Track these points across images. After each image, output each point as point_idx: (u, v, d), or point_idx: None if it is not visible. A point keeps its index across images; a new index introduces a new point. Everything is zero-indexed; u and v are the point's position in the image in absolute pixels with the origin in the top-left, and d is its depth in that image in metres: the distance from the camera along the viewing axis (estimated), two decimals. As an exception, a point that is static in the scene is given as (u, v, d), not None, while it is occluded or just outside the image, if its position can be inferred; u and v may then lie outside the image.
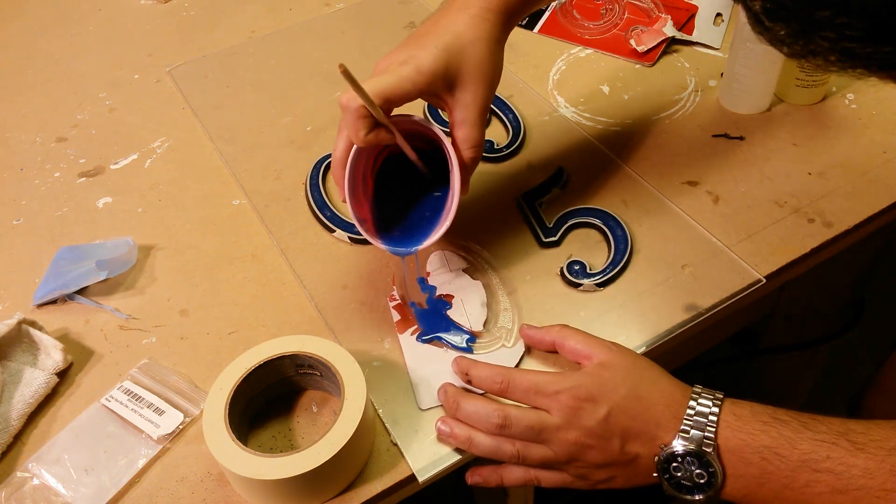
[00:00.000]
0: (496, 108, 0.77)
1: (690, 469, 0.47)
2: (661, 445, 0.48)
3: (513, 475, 0.51)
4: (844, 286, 0.86)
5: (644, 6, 0.89)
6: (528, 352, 0.56)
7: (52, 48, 0.93)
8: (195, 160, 0.75)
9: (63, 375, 0.57)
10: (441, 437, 0.51)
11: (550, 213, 0.66)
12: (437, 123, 0.75)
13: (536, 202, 0.67)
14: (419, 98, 0.52)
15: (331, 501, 0.49)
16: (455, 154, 0.53)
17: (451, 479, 0.53)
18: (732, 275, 0.60)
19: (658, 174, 0.69)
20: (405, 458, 0.51)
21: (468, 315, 0.59)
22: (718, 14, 0.87)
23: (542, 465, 0.50)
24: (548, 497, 0.65)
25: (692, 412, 0.48)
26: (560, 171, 0.69)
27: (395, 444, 0.52)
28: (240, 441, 0.47)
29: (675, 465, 0.47)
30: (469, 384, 0.53)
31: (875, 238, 0.77)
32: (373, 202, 0.59)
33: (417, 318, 0.58)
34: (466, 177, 0.55)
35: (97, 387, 0.56)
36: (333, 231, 0.66)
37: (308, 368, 0.53)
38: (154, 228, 0.68)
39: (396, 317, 0.59)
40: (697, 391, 0.49)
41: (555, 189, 0.68)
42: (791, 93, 0.75)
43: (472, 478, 0.53)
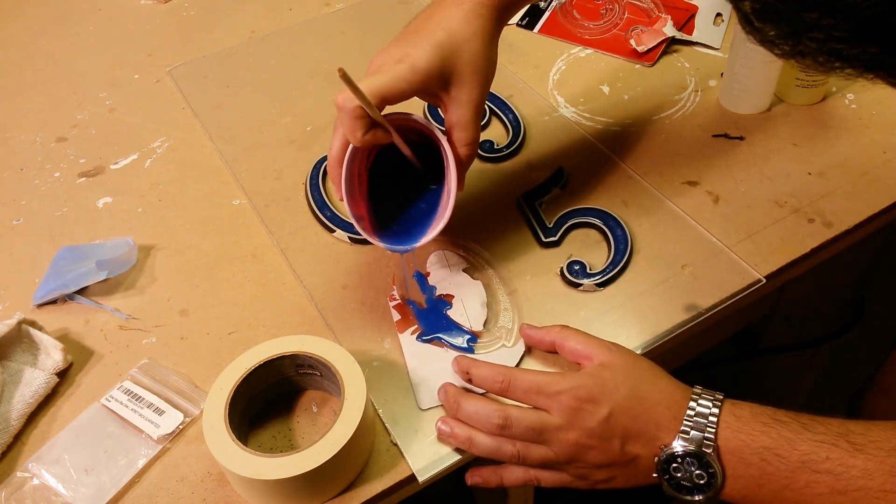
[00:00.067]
0: (496, 108, 0.77)
1: (690, 470, 0.47)
2: (661, 446, 0.48)
3: (513, 475, 0.51)
4: (844, 286, 0.86)
5: (644, 6, 0.89)
6: (529, 352, 0.56)
7: (52, 48, 0.93)
8: (195, 160, 0.75)
9: (63, 375, 0.57)
10: (441, 437, 0.51)
11: (550, 213, 0.66)
12: (437, 122, 0.75)
13: (536, 202, 0.67)
14: (415, 96, 0.52)
15: (331, 501, 0.49)
16: (451, 151, 0.53)
17: (451, 479, 0.53)
18: (732, 275, 0.60)
19: (658, 174, 0.69)
20: (405, 458, 0.51)
21: (468, 315, 0.59)
22: (718, 14, 0.87)
23: (542, 466, 0.50)
24: (548, 497, 0.65)
25: (692, 413, 0.48)
26: (560, 171, 0.69)
27: (395, 444, 0.52)
28: (240, 441, 0.47)
29: (675, 466, 0.47)
30: (469, 383, 0.53)
31: (875, 238, 0.77)
32: (368, 199, 0.59)
33: (417, 318, 0.58)
34: (462, 173, 0.55)
35: (97, 387, 0.56)
36: (333, 231, 0.66)
37: (308, 368, 0.53)
38: (154, 228, 0.68)
39: (396, 316, 0.59)
40: (697, 392, 0.49)
41: (555, 189, 0.68)
42: (791, 93, 0.75)
43: (472, 478, 0.53)
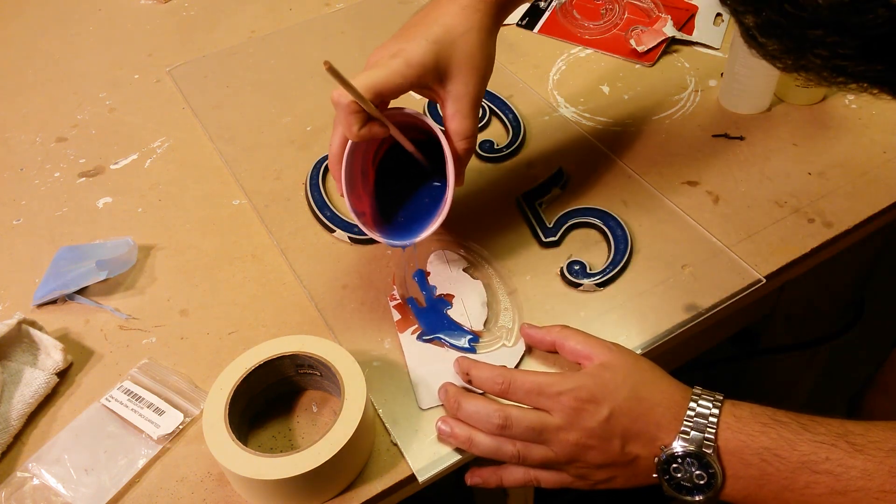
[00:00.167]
0: (496, 108, 0.77)
1: (690, 470, 0.47)
2: (662, 446, 0.48)
3: (512, 476, 0.51)
4: (844, 286, 0.86)
5: (644, 6, 0.89)
6: (529, 351, 0.56)
7: (52, 48, 0.93)
8: (195, 160, 0.75)
9: (63, 375, 0.57)
10: (441, 437, 0.51)
11: (550, 213, 0.66)
12: (439, 123, 0.75)
13: (536, 202, 0.67)
14: (411, 90, 0.52)
15: (331, 501, 0.49)
16: (449, 146, 0.53)
17: (451, 479, 0.53)
18: (732, 275, 0.60)
19: (658, 174, 0.69)
20: (405, 458, 0.51)
21: (468, 314, 0.59)
22: (718, 14, 0.87)
23: (543, 466, 0.50)
24: (548, 497, 0.65)
25: (692, 413, 0.48)
26: (560, 171, 0.69)
27: (395, 444, 0.52)
28: (240, 441, 0.47)
29: (675, 466, 0.47)
30: (470, 384, 0.53)
31: (875, 238, 0.77)
32: (373, 195, 0.58)
33: (417, 317, 0.58)
34: (461, 168, 0.55)
35: (97, 387, 0.56)
36: (333, 231, 0.66)
37: (308, 368, 0.53)
38: (154, 228, 0.68)
39: (397, 316, 0.59)
40: (697, 392, 0.49)
41: (555, 189, 0.68)
42: (791, 93, 0.75)
43: (472, 479, 0.53)
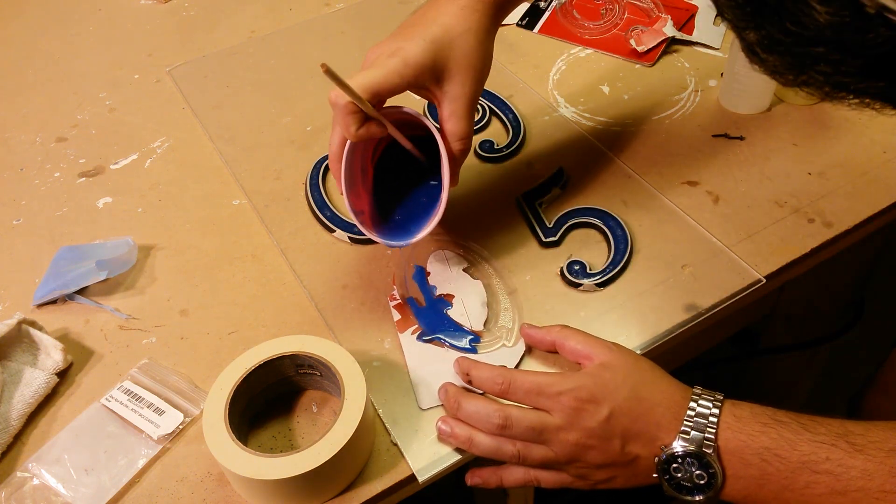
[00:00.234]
0: (496, 108, 0.77)
1: (690, 470, 0.47)
2: (662, 446, 0.48)
3: (512, 476, 0.51)
4: (844, 286, 0.86)
5: (644, 6, 0.89)
6: (529, 351, 0.56)
7: (52, 48, 0.93)
8: (195, 160, 0.75)
9: (63, 375, 0.57)
10: (441, 437, 0.51)
11: (550, 213, 0.66)
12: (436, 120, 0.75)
13: (536, 202, 0.67)
14: (408, 90, 0.52)
15: (331, 501, 0.49)
16: (444, 146, 0.53)
17: (451, 479, 0.53)
18: (732, 275, 0.60)
19: (658, 174, 0.69)
20: (405, 458, 0.51)
21: (468, 314, 0.59)
22: (718, 14, 0.87)
23: (543, 466, 0.50)
24: (548, 497, 0.65)
25: (692, 413, 0.48)
26: (560, 171, 0.69)
27: (395, 444, 0.52)
28: (240, 441, 0.47)
29: (676, 466, 0.47)
30: (470, 384, 0.53)
31: (875, 238, 0.77)
32: (373, 194, 0.58)
33: (417, 317, 0.58)
34: (456, 169, 0.55)
35: (97, 387, 0.56)
36: (333, 231, 0.66)
37: (308, 368, 0.53)
38: (154, 228, 0.68)
39: (397, 316, 0.59)
40: (697, 392, 0.49)
41: (555, 189, 0.68)
42: (791, 93, 0.75)
43: (472, 479, 0.53)
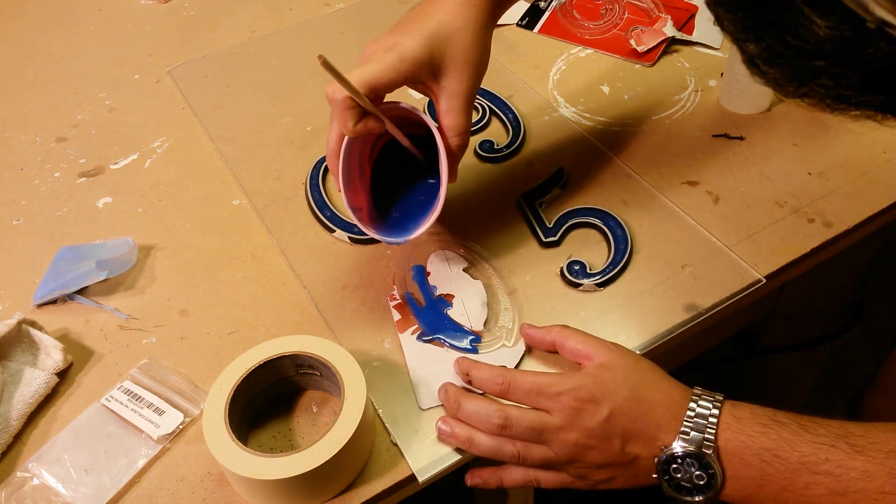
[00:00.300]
0: (496, 108, 0.77)
1: (690, 470, 0.47)
2: (661, 447, 0.48)
3: (512, 476, 0.51)
4: (844, 286, 0.86)
5: (644, 6, 0.89)
6: (529, 351, 0.56)
7: (52, 48, 0.93)
8: (195, 160, 0.75)
9: (63, 375, 0.57)
10: (441, 437, 0.51)
11: (550, 213, 0.66)
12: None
13: (536, 202, 0.67)
14: (405, 85, 0.52)
15: (331, 501, 0.49)
16: (442, 142, 0.53)
17: (451, 479, 0.53)
18: (732, 275, 0.60)
19: (658, 174, 0.69)
20: (405, 458, 0.51)
21: (468, 314, 0.59)
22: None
23: (543, 466, 0.50)
24: (547, 497, 0.65)
25: (692, 414, 0.48)
26: (560, 171, 0.69)
27: (395, 444, 0.52)
28: (240, 441, 0.47)
29: (675, 467, 0.47)
30: (470, 385, 0.53)
31: (875, 238, 0.77)
32: (371, 191, 0.58)
33: (417, 317, 0.58)
34: (454, 165, 0.55)
35: (97, 387, 0.56)
36: (333, 231, 0.66)
37: (308, 368, 0.53)
38: (154, 228, 0.68)
39: (397, 316, 0.59)
40: (697, 393, 0.49)
41: (555, 189, 0.68)
42: (791, 93, 0.75)
43: (472, 479, 0.53)
